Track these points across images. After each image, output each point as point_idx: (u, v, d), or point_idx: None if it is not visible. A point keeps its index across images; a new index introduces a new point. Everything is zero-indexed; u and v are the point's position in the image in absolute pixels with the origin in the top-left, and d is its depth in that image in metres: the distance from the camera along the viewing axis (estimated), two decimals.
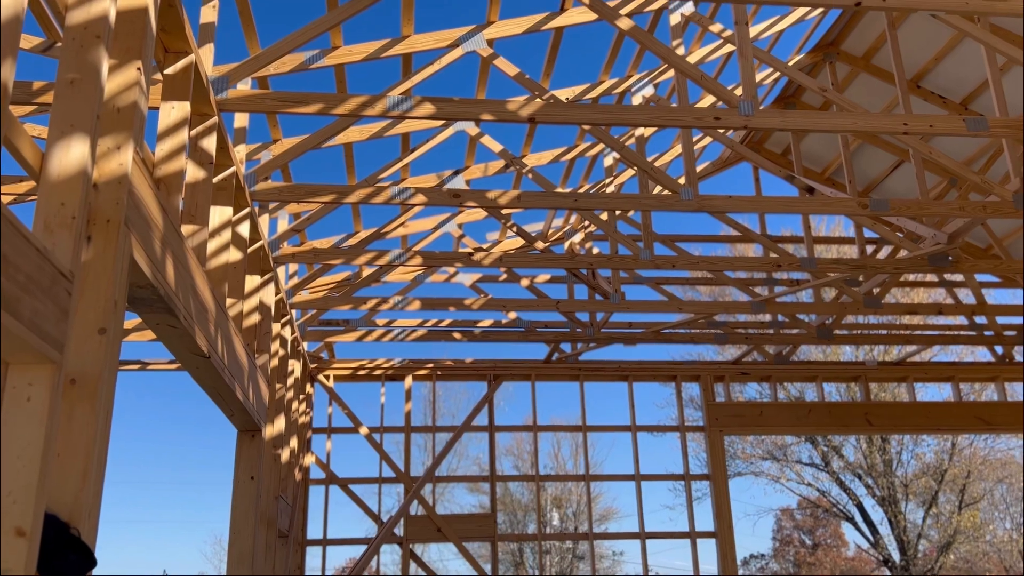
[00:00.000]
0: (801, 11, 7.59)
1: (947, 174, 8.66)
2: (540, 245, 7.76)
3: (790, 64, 8.17)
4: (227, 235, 4.65)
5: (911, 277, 12.10)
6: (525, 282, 8.82)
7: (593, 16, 6.05)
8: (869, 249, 9.91)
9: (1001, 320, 10.25)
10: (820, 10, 7.54)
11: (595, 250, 9.42)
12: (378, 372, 9.85)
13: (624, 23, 5.23)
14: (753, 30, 7.45)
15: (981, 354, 18.96)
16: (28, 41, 4.64)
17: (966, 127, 5.10)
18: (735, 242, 11.12)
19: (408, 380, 9.89)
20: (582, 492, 26.75)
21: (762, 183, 9.16)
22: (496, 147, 6.64)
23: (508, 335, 9.18)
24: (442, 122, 6.80)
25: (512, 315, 8.87)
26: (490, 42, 5.96)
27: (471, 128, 6.69)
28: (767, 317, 14.26)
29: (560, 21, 6.16)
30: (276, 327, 6.60)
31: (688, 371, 10.42)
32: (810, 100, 9.02)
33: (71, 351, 2.44)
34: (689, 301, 9.67)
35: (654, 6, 6.55)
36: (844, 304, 8.58)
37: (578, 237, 9.38)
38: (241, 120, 5.60)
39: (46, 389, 2.19)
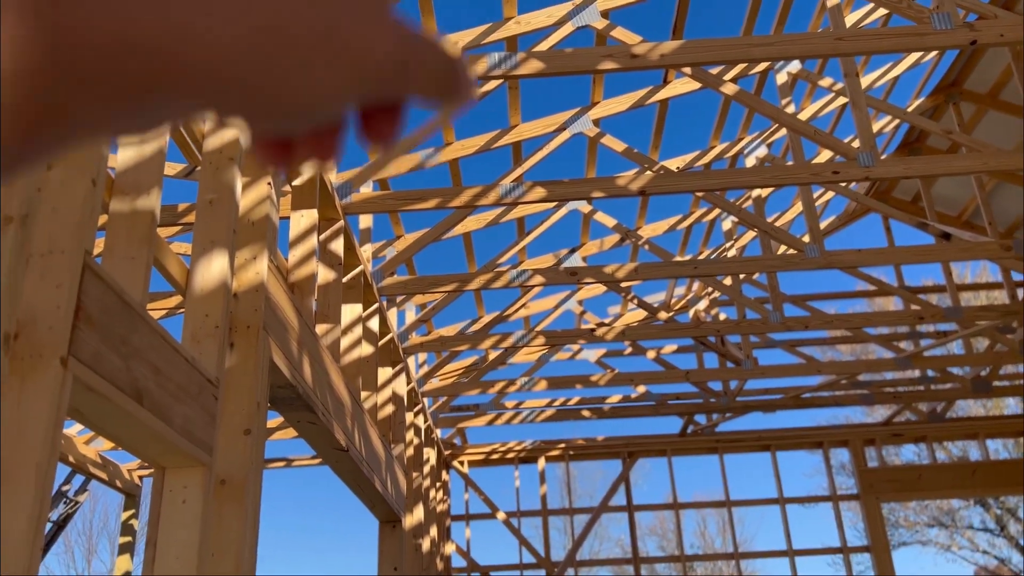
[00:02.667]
0: (915, 56, 7.36)
1: None
2: (663, 315, 7.66)
3: (910, 109, 7.89)
4: (358, 331, 4.84)
5: None
6: (651, 354, 8.69)
7: (697, 85, 6.07)
8: (1021, 293, 9.24)
9: None
10: (935, 53, 7.30)
11: (722, 316, 9.21)
12: (511, 455, 9.85)
13: (729, 88, 5.22)
14: (866, 80, 7.27)
15: None
16: (172, 168, 5.08)
17: None
18: (872, 296, 10.63)
19: (541, 462, 9.83)
20: (733, 571, 25.48)
21: (894, 233, 8.78)
22: (610, 222, 6.68)
23: (639, 410, 9.02)
24: (554, 203, 6.92)
25: (641, 389, 8.73)
26: (596, 122, 6.07)
27: (583, 206, 6.77)
28: (916, 373, 13.42)
29: (664, 93, 6.21)
30: (409, 416, 6.75)
31: (835, 436, 9.90)
32: (937, 143, 8.65)
33: (220, 453, 2.58)
34: (829, 362, 9.25)
35: (758, 69, 6.52)
36: (999, 353, 7.99)
37: (703, 304, 9.21)
38: (365, 221, 5.88)
39: (199, 491, 2.31)
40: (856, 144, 7.57)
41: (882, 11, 6.41)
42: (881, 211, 7.63)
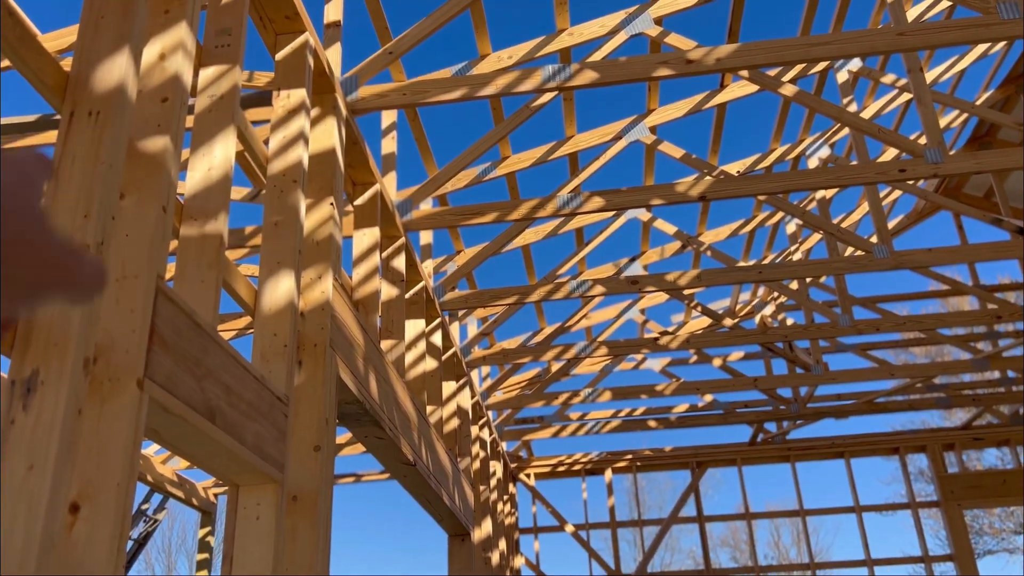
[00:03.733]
0: (982, 48, 7.13)
1: None
2: (728, 322, 7.54)
3: (978, 102, 7.64)
4: (422, 346, 4.88)
5: None
6: (717, 362, 8.56)
7: (755, 88, 5.98)
8: None
9: None
10: (1003, 43, 7.05)
11: (789, 321, 9.02)
12: (577, 467, 9.80)
13: (788, 90, 5.13)
14: (931, 74, 7.07)
15: None
16: (239, 192, 5.22)
17: None
18: (946, 296, 10.28)
19: (608, 473, 9.75)
20: None
21: (966, 230, 8.48)
22: (670, 229, 6.62)
23: (707, 419, 8.89)
24: (613, 212, 6.89)
25: (708, 398, 8.60)
26: (652, 129, 6.03)
27: (642, 214, 6.72)
28: (995, 375, 12.92)
29: (721, 98, 6.14)
30: (475, 430, 6.77)
31: (912, 441, 9.59)
32: (1008, 136, 8.35)
33: (291, 470, 2.63)
34: (902, 365, 8.98)
35: (818, 68, 6.39)
36: None
37: (769, 310, 9.04)
38: (426, 237, 5.94)
39: (272, 507, 2.36)
40: (923, 141, 7.35)
41: (946, 2, 6.22)
42: (952, 208, 7.39)
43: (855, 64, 6.29)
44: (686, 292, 7.44)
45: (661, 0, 5.20)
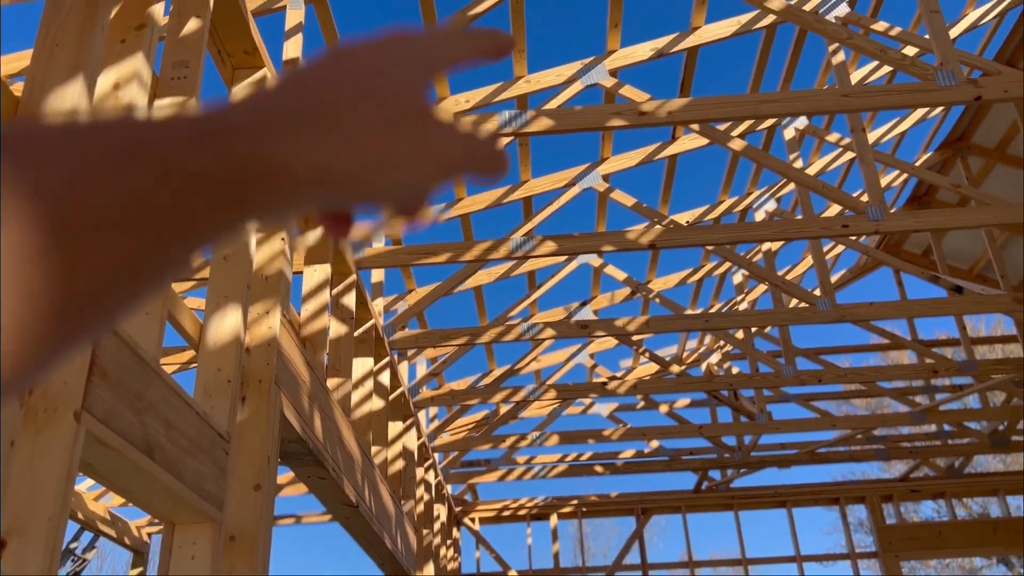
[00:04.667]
0: (922, 111, 7.44)
1: None
2: (675, 369, 7.62)
3: (918, 163, 7.94)
4: (369, 385, 4.83)
5: None
6: (664, 408, 8.63)
7: (705, 141, 6.14)
8: None
9: None
10: (941, 108, 7.37)
11: (734, 370, 9.15)
12: (523, 512, 9.72)
13: (736, 144, 5.28)
14: (873, 135, 7.34)
15: None
16: None
17: None
18: (885, 350, 10.56)
19: (553, 519, 9.69)
20: None
21: (906, 286, 8.75)
22: (620, 275, 6.70)
23: (652, 465, 8.92)
24: (565, 257, 6.96)
25: (654, 444, 8.65)
26: (605, 177, 6.14)
27: (594, 260, 6.80)
28: (932, 428, 13.24)
29: (673, 149, 6.29)
30: (420, 472, 6.70)
31: (852, 492, 9.74)
32: (946, 197, 8.68)
33: (230, 509, 2.57)
34: (844, 416, 9.15)
35: (766, 124, 6.59)
36: (1016, 407, 7.89)
37: (715, 358, 9.16)
38: (377, 275, 5.92)
39: (208, 547, 2.30)
40: (865, 198, 7.61)
41: (887, 68, 6.50)
42: (892, 264, 7.63)
43: (802, 122, 6.51)
44: (635, 338, 7.51)
45: (616, 53, 5.34)
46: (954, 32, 6.34)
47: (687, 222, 7.08)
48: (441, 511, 8.00)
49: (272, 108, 0.35)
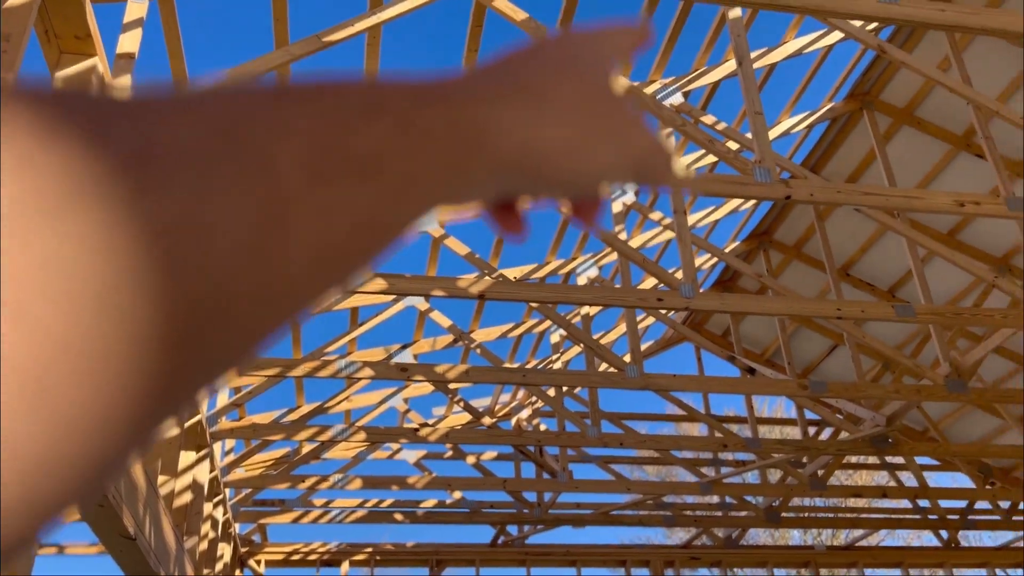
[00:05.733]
0: (736, 202, 8.07)
1: (881, 358, 8.96)
2: (487, 421, 7.68)
3: (727, 251, 8.58)
4: None
5: (854, 459, 12.20)
6: (471, 459, 8.65)
7: None
8: (812, 431, 10.02)
9: (944, 504, 10.29)
10: (753, 201, 8.03)
11: (542, 427, 9.35)
12: (313, 557, 9.34)
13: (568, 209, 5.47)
14: (691, 218, 7.87)
15: (927, 538, 18.86)
16: None
17: (895, 313, 5.35)
18: (680, 421, 11.18)
19: (345, 566, 9.37)
20: None
21: (704, 363, 9.35)
22: (445, 322, 6.71)
23: (452, 516, 8.87)
24: (392, 297, 6.89)
25: (457, 495, 8.62)
26: (441, 224, 6.17)
27: (421, 303, 6.78)
28: (715, 499, 14.11)
29: None
30: (208, 507, 6.29)
31: (638, 555, 10.11)
32: (747, 284, 9.41)
33: None
34: (637, 481, 9.56)
35: None
36: (790, 486, 8.56)
37: (525, 413, 9.32)
38: None
39: None
40: (679, 276, 8.11)
41: (711, 157, 7.01)
42: (695, 341, 8.13)
43: (629, 197, 6.87)
44: (452, 386, 7.51)
45: None
46: (771, 134, 6.97)
47: (515, 278, 7.23)
48: (226, 551, 7.53)
49: (490, 81, 0.36)
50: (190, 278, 0.21)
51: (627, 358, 7.82)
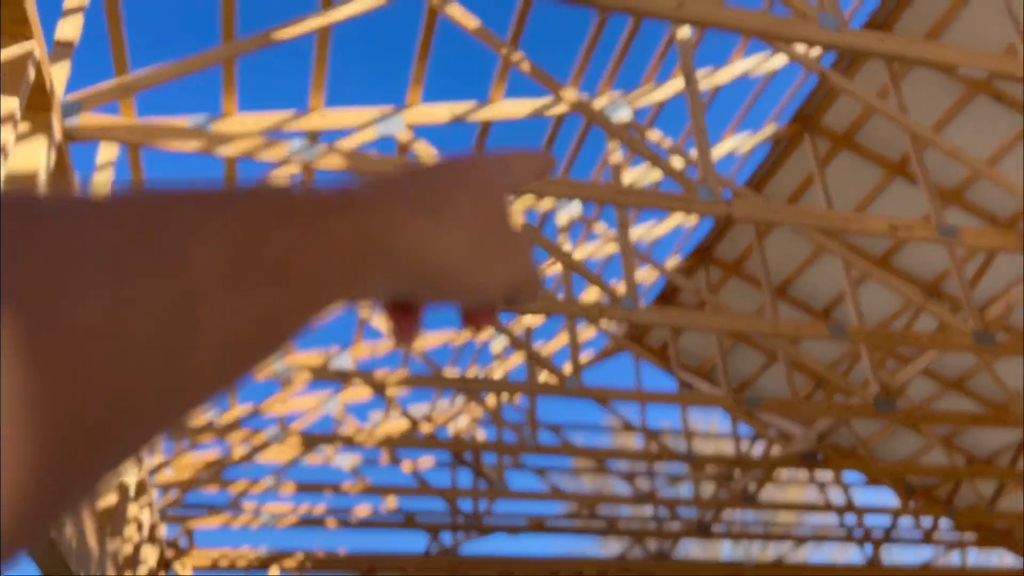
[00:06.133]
0: (678, 218, 8.19)
1: (814, 376, 9.18)
2: (426, 428, 7.63)
3: (668, 266, 8.70)
4: None
5: (785, 475, 12.45)
6: (407, 466, 8.57)
7: None
8: (745, 445, 10.20)
9: (869, 520, 10.59)
10: (695, 218, 8.16)
11: (481, 435, 9.32)
12: (242, 562, 9.13)
13: (516, 219, 5.48)
14: (635, 232, 7.95)
15: (852, 553, 19.36)
16: None
17: (829, 333, 5.48)
18: (617, 432, 11.26)
19: (274, 569, 9.19)
20: None
21: (643, 376, 9.45)
22: (386, 327, 6.65)
23: (387, 524, 8.78)
24: None
25: (392, 502, 8.53)
26: None
27: (362, 307, 6.71)
28: (649, 511, 14.24)
29: None
30: (134, 508, 6.11)
31: (570, 567, 10.14)
32: (687, 300, 9.55)
33: None
34: (572, 492, 9.60)
35: (543, 205, 6.93)
36: (722, 499, 8.69)
37: (464, 421, 9.29)
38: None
39: None
40: (621, 289, 8.18)
41: (656, 174, 7.10)
42: (635, 353, 8.21)
43: (576, 209, 6.91)
44: (390, 392, 7.44)
45: (416, 108, 5.41)
46: (714, 153, 7.09)
47: None
48: (150, 554, 7.32)
49: (396, 193, 0.38)
50: (104, 376, 0.22)
51: (567, 368, 7.87)
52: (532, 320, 7.84)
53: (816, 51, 5.61)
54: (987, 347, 5.55)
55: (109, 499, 5.11)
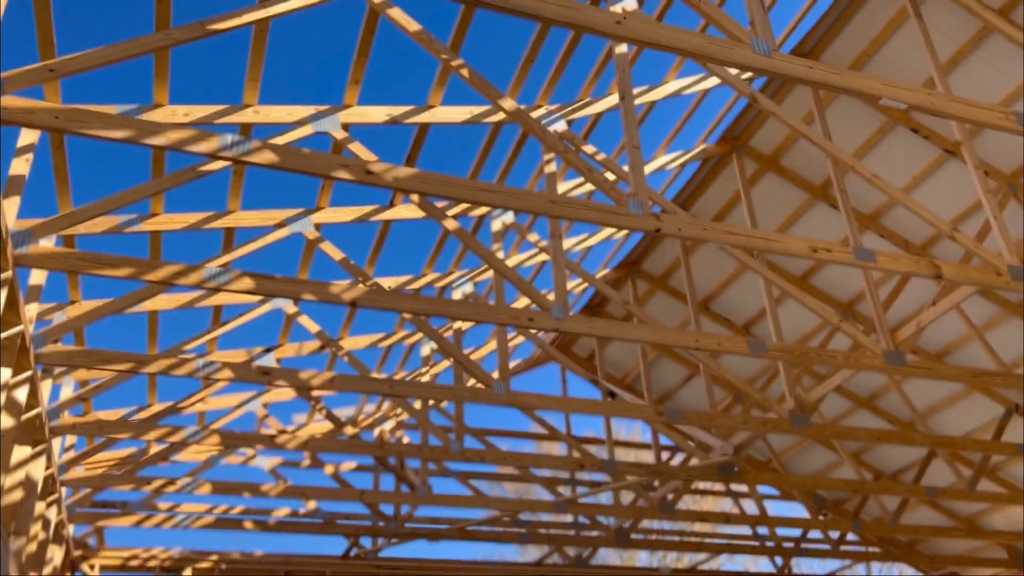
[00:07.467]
0: (608, 231, 8.31)
1: (733, 389, 9.43)
2: (350, 431, 7.55)
3: (597, 277, 8.82)
4: (1, 398, 4.20)
5: (701, 485, 12.73)
6: (329, 469, 8.47)
7: (421, 214, 6.32)
8: (664, 456, 10.40)
9: (781, 532, 10.87)
10: (625, 232, 8.30)
11: (405, 439, 9.28)
12: (153, 563, 8.87)
13: (450, 224, 5.51)
14: (566, 243, 8.04)
15: (764, 564, 19.85)
16: None
17: (748, 348, 5.65)
18: (541, 439, 11.35)
19: (187, 573, 8.95)
20: None
21: (569, 384, 9.55)
22: (313, 327, 6.57)
23: (305, 526, 8.65)
24: (259, 297, 6.69)
25: (312, 504, 8.41)
26: (317, 226, 6.06)
27: (289, 306, 6.61)
28: (569, 518, 14.36)
29: (389, 215, 6.39)
30: (41, 506, 5.88)
31: (491, 572, 10.17)
32: (614, 311, 9.70)
33: None
34: (495, 498, 9.62)
35: (477, 212, 6.96)
36: (640, 508, 8.84)
37: (389, 425, 9.23)
38: (38, 277, 5.25)
39: None
40: (551, 298, 8.26)
41: (589, 186, 7.20)
42: (562, 362, 8.29)
43: (509, 217, 6.96)
44: (315, 393, 7.35)
45: (352, 108, 5.38)
46: (646, 169, 7.23)
47: (389, 287, 7.17)
48: (56, 553, 7.06)
49: None
50: None
51: (495, 375, 7.88)
52: (462, 325, 7.85)
53: (747, 74, 5.79)
54: (897, 367, 5.80)
55: (13, 495, 4.91)
